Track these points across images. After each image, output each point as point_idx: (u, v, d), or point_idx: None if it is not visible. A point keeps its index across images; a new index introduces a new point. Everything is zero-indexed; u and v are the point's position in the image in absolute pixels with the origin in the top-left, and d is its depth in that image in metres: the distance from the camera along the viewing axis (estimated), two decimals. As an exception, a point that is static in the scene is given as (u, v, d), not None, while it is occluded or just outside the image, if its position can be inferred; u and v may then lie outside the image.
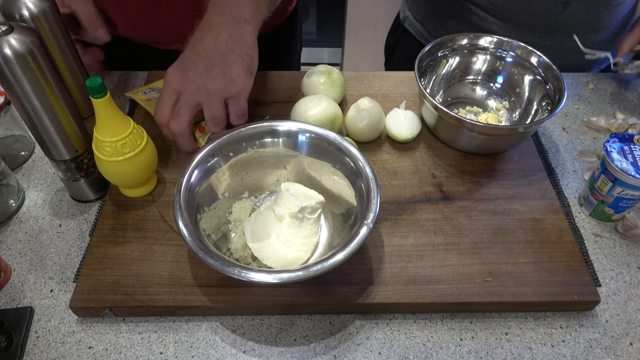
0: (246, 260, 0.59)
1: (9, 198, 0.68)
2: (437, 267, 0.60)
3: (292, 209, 0.58)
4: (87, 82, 0.53)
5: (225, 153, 0.62)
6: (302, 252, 0.59)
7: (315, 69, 0.77)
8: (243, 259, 0.60)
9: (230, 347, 0.56)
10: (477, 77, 0.81)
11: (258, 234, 0.59)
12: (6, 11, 0.65)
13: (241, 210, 0.63)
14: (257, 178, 0.66)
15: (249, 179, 0.65)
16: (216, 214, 0.61)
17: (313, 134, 0.62)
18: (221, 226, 0.62)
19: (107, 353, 0.55)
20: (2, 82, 0.54)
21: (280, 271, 0.50)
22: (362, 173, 0.58)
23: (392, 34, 1.10)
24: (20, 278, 0.61)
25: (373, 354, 0.56)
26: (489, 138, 0.68)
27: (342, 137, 0.62)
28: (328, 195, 0.63)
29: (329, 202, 0.62)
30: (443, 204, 0.67)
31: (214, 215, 0.61)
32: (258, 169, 0.65)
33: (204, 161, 0.60)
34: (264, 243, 0.59)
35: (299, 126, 0.63)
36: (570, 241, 0.63)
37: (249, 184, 0.65)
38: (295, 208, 0.58)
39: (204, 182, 0.60)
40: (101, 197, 0.69)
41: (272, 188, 0.67)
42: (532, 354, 0.56)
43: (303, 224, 0.59)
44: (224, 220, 0.63)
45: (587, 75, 0.90)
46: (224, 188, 0.63)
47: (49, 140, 0.61)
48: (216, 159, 0.61)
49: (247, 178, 0.65)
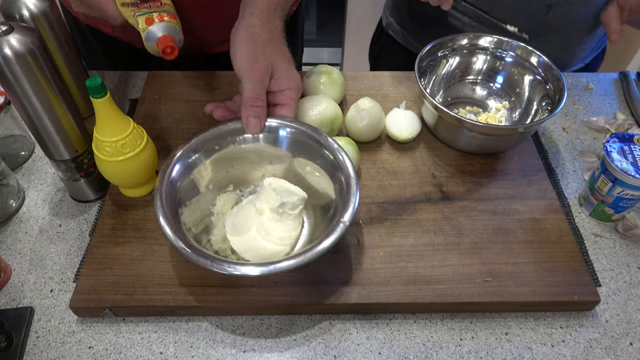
0: (225, 253, 0.60)
1: (9, 198, 0.68)
2: (437, 267, 0.60)
3: (273, 204, 0.59)
4: (87, 82, 0.53)
5: (210, 147, 0.62)
6: (282, 246, 0.59)
7: (315, 69, 0.77)
8: (222, 251, 0.60)
9: (230, 347, 0.56)
10: (477, 77, 0.81)
11: (238, 228, 0.60)
12: (6, 11, 0.65)
13: (225, 203, 0.64)
14: (242, 172, 0.66)
15: (234, 172, 0.65)
16: (199, 206, 0.62)
17: (293, 129, 0.63)
18: (204, 218, 0.62)
19: (107, 353, 0.55)
20: (2, 82, 0.54)
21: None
22: (342, 166, 0.58)
23: (376, 41, 1.09)
24: (20, 278, 0.61)
25: (373, 354, 0.56)
26: (489, 138, 0.68)
27: (324, 132, 0.62)
28: (312, 191, 0.63)
29: (312, 198, 0.63)
30: (443, 204, 0.67)
31: (197, 208, 0.61)
32: (244, 163, 0.65)
33: (186, 156, 0.60)
34: (244, 236, 0.59)
35: (278, 121, 0.63)
36: (570, 241, 0.63)
37: (234, 178, 0.66)
38: (276, 203, 0.58)
39: (186, 176, 0.60)
40: (101, 197, 0.69)
41: (257, 182, 0.67)
42: (532, 354, 0.56)
43: (283, 218, 0.59)
44: (207, 212, 0.63)
45: (587, 75, 0.90)
46: (208, 181, 0.63)
47: (49, 140, 0.61)
48: (199, 154, 0.61)
49: (232, 171, 0.65)
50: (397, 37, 0.99)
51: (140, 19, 0.59)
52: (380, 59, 1.09)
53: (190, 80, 0.83)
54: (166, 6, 0.61)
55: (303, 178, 0.64)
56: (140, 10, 0.59)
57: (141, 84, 0.86)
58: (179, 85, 0.83)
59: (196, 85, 0.82)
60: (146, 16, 0.59)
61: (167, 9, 0.61)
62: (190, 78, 0.84)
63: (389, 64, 1.03)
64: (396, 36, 0.99)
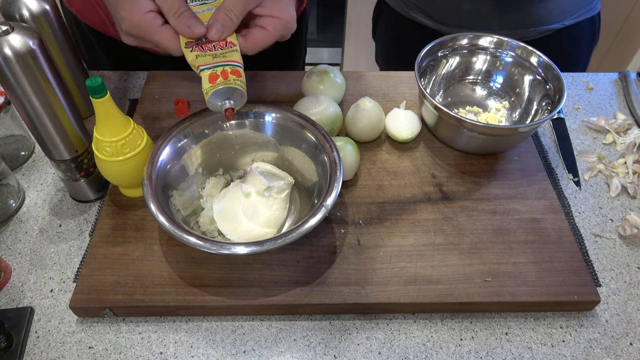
0: (212, 235, 0.62)
1: (9, 198, 0.68)
2: (437, 267, 0.60)
3: (260, 187, 0.60)
4: (87, 82, 0.53)
5: (200, 131, 0.64)
6: (268, 228, 0.61)
7: (315, 69, 0.77)
8: (210, 232, 0.62)
9: (230, 347, 0.56)
10: (477, 77, 0.81)
11: (225, 210, 0.61)
12: (6, 11, 0.65)
13: (214, 185, 0.65)
14: (232, 156, 0.67)
15: (224, 156, 0.67)
16: (188, 188, 0.63)
17: (278, 114, 0.64)
18: (193, 201, 0.63)
19: (107, 353, 0.55)
20: (2, 82, 0.54)
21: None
22: (324, 148, 0.60)
23: (376, 7, 1.12)
24: (20, 278, 0.61)
25: (373, 354, 0.56)
26: (489, 138, 0.68)
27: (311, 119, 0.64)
28: (299, 175, 0.65)
29: (299, 183, 0.65)
30: (443, 204, 0.67)
31: (186, 190, 0.63)
32: (234, 148, 0.67)
33: (176, 139, 0.62)
34: (230, 219, 0.61)
35: (265, 108, 0.65)
36: (570, 241, 0.63)
37: (224, 162, 0.67)
38: (262, 187, 0.60)
39: (176, 159, 0.62)
40: (101, 197, 0.69)
41: (246, 167, 0.69)
42: (532, 354, 0.56)
43: (270, 201, 0.61)
44: (197, 195, 0.64)
45: (587, 75, 0.90)
46: (198, 164, 0.65)
47: (49, 140, 0.61)
48: (189, 138, 0.63)
49: (222, 156, 0.67)
50: (391, 2, 1.01)
51: (204, 75, 0.56)
52: (377, 24, 1.12)
53: (190, 80, 0.83)
54: (233, 50, 0.57)
55: (291, 163, 0.66)
56: (204, 57, 0.56)
57: (141, 84, 0.86)
58: (179, 85, 0.83)
59: (196, 85, 0.82)
60: (210, 72, 0.56)
61: (233, 56, 0.57)
62: (190, 78, 0.84)
63: (385, 29, 1.08)
64: (390, 1, 1.01)
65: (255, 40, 0.57)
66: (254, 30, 0.57)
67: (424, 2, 0.92)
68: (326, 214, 0.54)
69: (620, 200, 0.70)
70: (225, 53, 0.56)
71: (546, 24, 0.89)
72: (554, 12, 0.88)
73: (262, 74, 0.85)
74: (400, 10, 0.98)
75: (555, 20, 0.89)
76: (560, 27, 0.90)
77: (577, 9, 0.90)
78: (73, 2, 0.84)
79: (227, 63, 0.56)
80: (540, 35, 0.90)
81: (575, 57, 0.98)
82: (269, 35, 0.57)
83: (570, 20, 0.90)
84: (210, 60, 0.56)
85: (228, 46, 0.57)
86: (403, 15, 0.98)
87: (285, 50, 0.98)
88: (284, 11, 0.57)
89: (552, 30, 0.90)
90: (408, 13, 0.96)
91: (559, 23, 0.90)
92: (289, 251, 0.61)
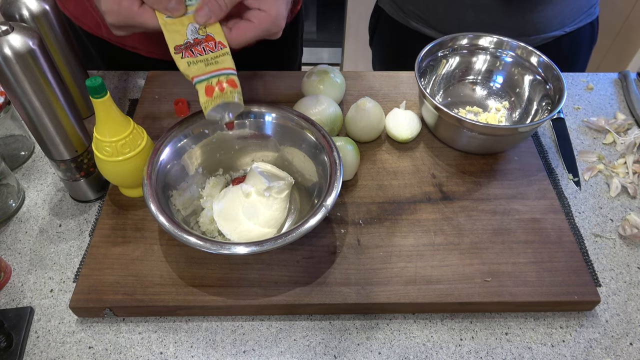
0: (212, 235, 0.62)
1: (9, 198, 0.68)
2: (437, 267, 0.60)
3: (260, 187, 0.61)
4: (87, 82, 0.53)
5: (200, 131, 0.64)
6: (268, 228, 0.61)
7: (315, 69, 0.77)
8: (210, 232, 0.62)
9: (230, 347, 0.56)
10: (477, 77, 0.81)
11: (225, 210, 0.61)
12: (6, 11, 0.65)
13: (214, 185, 0.66)
14: (232, 156, 0.68)
15: (224, 156, 0.67)
16: (188, 188, 0.63)
17: (278, 114, 0.65)
18: (193, 201, 0.64)
19: (107, 353, 0.55)
20: (2, 82, 0.54)
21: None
22: (324, 148, 0.60)
23: (373, 14, 1.11)
24: (20, 278, 0.61)
25: (373, 354, 0.56)
26: (489, 138, 0.68)
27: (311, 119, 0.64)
28: (299, 176, 0.65)
29: (299, 183, 0.65)
30: (443, 204, 0.67)
31: (186, 190, 0.63)
32: (234, 148, 0.67)
33: (176, 139, 0.62)
34: (230, 219, 0.61)
35: (265, 108, 0.65)
36: (570, 241, 0.63)
37: (224, 162, 0.67)
38: (262, 187, 0.60)
39: (176, 159, 0.62)
40: (101, 197, 0.69)
41: (246, 167, 0.69)
42: (532, 354, 0.56)
43: (270, 202, 0.61)
44: (197, 195, 0.65)
45: (587, 75, 0.90)
46: (198, 164, 0.65)
47: (49, 140, 0.61)
48: (189, 138, 0.63)
49: (222, 156, 0.67)
50: (387, 9, 1.01)
51: (199, 88, 0.55)
52: (375, 33, 1.11)
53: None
54: (223, 52, 0.55)
55: (291, 163, 0.66)
56: (196, 65, 0.54)
57: (141, 84, 0.86)
58: (179, 85, 0.83)
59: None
60: (206, 84, 0.54)
61: (225, 61, 0.55)
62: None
63: (382, 38, 1.08)
64: (386, 8, 1.01)
65: (239, 32, 0.56)
66: (240, 22, 0.56)
67: (425, 12, 0.92)
68: (326, 214, 0.54)
69: (620, 200, 0.70)
70: (216, 58, 0.55)
71: (548, 31, 0.89)
72: (556, 19, 0.88)
73: (262, 74, 0.85)
74: (399, 19, 0.97)
75: (557, 27, 0.89)
76: (561, 34, 0.90)
77: (577, 15, 0.90)
78: (67, 5, 0.84)
79: (221, 72, 0.54)
80: (542, 43, 0.90)
81: (575, 60, 0.98)
82: (254, 27, 0.55)
83: (571, 26, 0.90)
84: (203, 68, 0.54)
85: (218, 47, 0.55)
86: (402, 24, 0.97)
87: (279, 52, 0.98)
88: (272, 6, 0.55)
89: (554, 37, 0.90)
90: (407, 22, 0.96)
91: (560, 30, 0.90)
92: (289, 251, 0.61)
